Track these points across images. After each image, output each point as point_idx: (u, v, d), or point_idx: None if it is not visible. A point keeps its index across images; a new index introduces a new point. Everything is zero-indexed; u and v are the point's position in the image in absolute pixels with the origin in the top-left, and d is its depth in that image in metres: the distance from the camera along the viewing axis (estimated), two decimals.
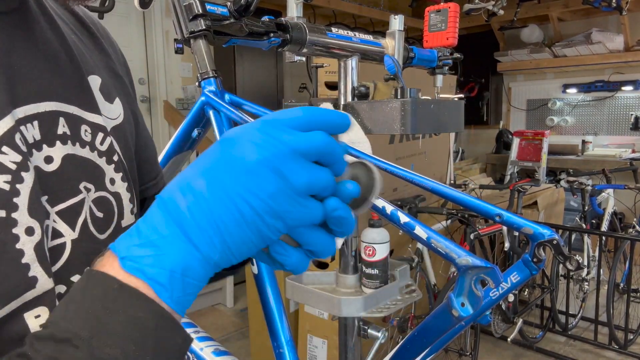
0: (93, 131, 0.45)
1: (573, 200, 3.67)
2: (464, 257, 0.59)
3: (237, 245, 0.32)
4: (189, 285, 0.32)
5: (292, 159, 0.32)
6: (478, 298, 0.60)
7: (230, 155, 0.32)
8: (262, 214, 0.32)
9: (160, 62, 3.50)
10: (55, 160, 0.41)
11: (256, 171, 0.32)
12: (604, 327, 2.66)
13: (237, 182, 0.32)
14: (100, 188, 0.44)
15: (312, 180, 0.33)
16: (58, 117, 0.42)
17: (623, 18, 3.72)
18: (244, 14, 0.93)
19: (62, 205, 0.40)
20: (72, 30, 0.49)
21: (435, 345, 0.74)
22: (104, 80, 0.49)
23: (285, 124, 0.33)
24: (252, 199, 0.32)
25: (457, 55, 1.28)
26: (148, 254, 0.31)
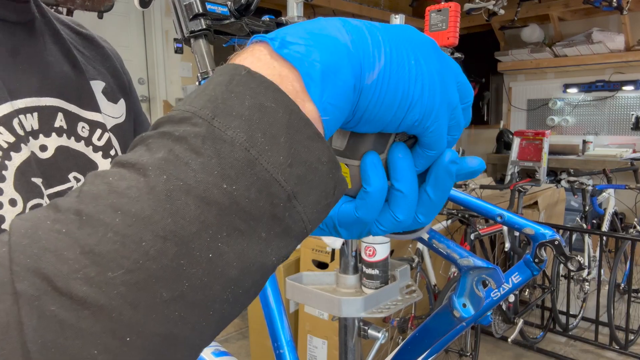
0: (91, 128, 0.49)
1: (574, 201, 3.67)
2: (466, 257, 0.59)
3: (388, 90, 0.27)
4: (340, 96, 0.26)
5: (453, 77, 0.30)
6: (479, 299, 0.60)
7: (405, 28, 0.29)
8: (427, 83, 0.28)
9: (160, 61, 3.50)
10: (49, 149, 0.45)
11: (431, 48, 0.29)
12: (604, 328, 2.66)
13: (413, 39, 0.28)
14: None
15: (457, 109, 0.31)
16: (57, 112, 0.46)
17: (624, 18, 3.71)
18: (245, 14, 0.92)
19: (52, 190, 0.44)
20: (74, 46, 0.54)
21: (436, 346, 0.74)
22: (107, 84, 0.54)
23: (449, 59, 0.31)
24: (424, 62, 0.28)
25: (458, 55, 1.28)
26: (304, 41, 0.26)
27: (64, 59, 0.50)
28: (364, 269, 1.15)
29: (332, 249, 1.53)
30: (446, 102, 0.29)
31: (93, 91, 0.51)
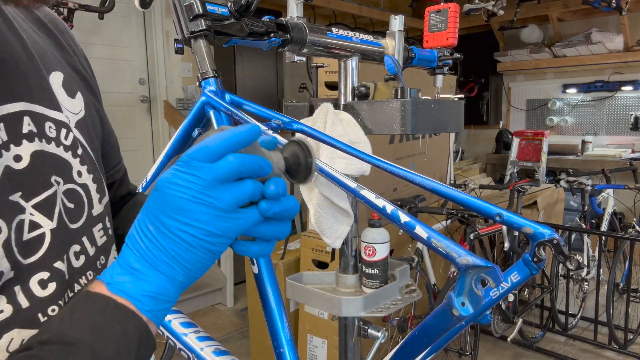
0: (57, 127, 0.48)
1: (573, 200, 3.68)
2: (465, 256, 0.59)
3: (194, 265, 0.40)
4: (162, 301, 0.40)
5: (212, 188, 0.39)
6: (478, 297, 0.60)
7: (163, 201, 0.40)
8: (204, 238, 0.39)
9: (161, 62, 3.50)
10: (24, 158, 0.44)
11: (186, 207, 0.39)
12: (603, 327, 2.66)
13: (174, 220, 0.39)
14: (69, 181, 0.47)
15: (238, 197, 0.40)
16: (22, 117, 0.44)
17: (623, 18, 3.72)
18: (245, 14, 0.93)
19: (37, 199, 0.44)
20: (32, 28, 0.51)
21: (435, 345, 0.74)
22: (65, 76, 0.52)
23: (198, 158, 0.40)
24: (191, 229, 0.39)
25: (457, 56, 1.29)
26: (128, 280, 0.40)
27: (21, 51, 0.46)
28: (363, 269, 1.15)
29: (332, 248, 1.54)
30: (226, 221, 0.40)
31: (52, 89, 0.49)
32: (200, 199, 0.39)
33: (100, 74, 3.21)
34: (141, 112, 3.54)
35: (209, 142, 0.41)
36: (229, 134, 0.41)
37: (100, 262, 0.51)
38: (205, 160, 0.40)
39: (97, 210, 0.51)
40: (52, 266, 0.44)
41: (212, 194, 0.39)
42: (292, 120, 0.90)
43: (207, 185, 0.39)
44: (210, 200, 0.39)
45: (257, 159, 0.42)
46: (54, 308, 0.44)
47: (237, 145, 0.41)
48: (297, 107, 1.27)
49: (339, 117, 1.08)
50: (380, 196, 0.70)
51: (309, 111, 1.24)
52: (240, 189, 0.40)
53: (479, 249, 2.45)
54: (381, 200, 0.69)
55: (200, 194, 0.39)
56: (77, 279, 0.47)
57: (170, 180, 0.40)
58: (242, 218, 0.41)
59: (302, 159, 0.47)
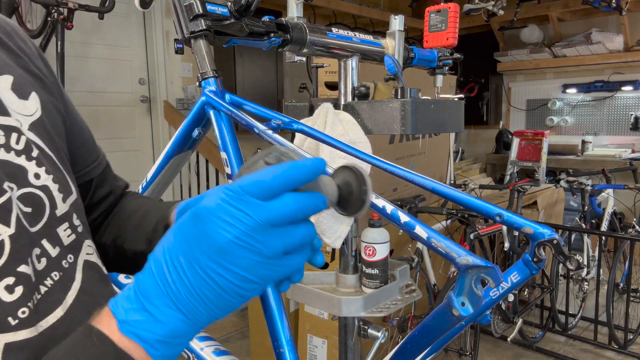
0: (6, 133, 0.46)
1: (573, 200, 3.68)
2: (464, 256, 0.59)
3: (220, 308, 0.38)
4: (176, 344, 0.38)
5: (262, 231, 0.36)
6: (478, 297, 0.60)
7: (203, 234, 0.36)
8: (240, 284, 0.36)
9: (161, 62, 3.50)
10: None
11: (227, 249, 0.35)
12: (603, 327, 2.66)
13: (212, 260, 0.36)
14: (24, 185, 0.46)
15: (287, 245, 0.37)
16: None
17: (623, 18, 3.72)
18: (245, 14, 0.93)
19: None
20: None
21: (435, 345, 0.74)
22: (16, 78, 0.50)
23: (252, 193, 0.36)
24: (228, 274, 0.36)
25: (457, 56, 1.29)
26: (143, 319, 0.37)
27: None
28: (363, 269, 1.15)
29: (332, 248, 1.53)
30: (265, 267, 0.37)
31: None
32: (247, 242, 0.35)
33: (100, 74, 3.21)
34: (141, 112, 3.54)
35: (266, 175, 0.37)
36: (291, 169, 0.37)
37: (67, 261, 0.49)
38: (259, 196, 0.36)
39: (62, 209, 0.50)
40: (17, 271, 0.43)
41: (260, 239, 0.36)
42: (292, 120, 0.90)
43: (257, 228, 0.35)
44: (258, 246, 0.36)
45: (315, 200, 0.39)
46: (24, 310, 0.43)
47: (298, 183, 0.38)
48: (297, 107, 1.27)
49: (339, 117, 1.08)
50: (380, 196, 0.70)
51: (309, 111, 1.24)
52: (293, 236, 0.37)
53: (479, 249, 2.45)
54: (381, 200, 0.69)
55: (248, 236, 0.35)
56: (42, 281, 0.46)
57: (216, 213, 0.36)
58: (286, 265, 0.38)
59: (355, 188, 0.42)
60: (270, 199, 0.36)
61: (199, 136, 1.04)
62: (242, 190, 0.36)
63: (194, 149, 1.10)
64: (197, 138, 1.04)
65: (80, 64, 3.12)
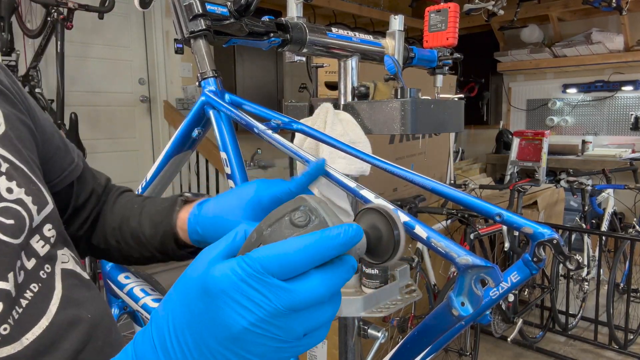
0: None
1: (573, 200, 3.67)
2: (464, 256, 0.59)
3: None
4: None
5: (283, 318, 0.31)
6: (478, 297, 0.60)
7: (215, 317, 0.31)
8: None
9: (160, 62, 3.50)
10: None
11: (243, 337, 0.31)
12: (604, 327, 2.66)
13: (223, 346, 0.31)
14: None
15: (308, 328, 0.32)
16: None
17: (623, 18, 3.72)
18: (244, 14, 0.93)
19: None
20: None
21: (435, 345, 0.74)
22: None
23: (273, 273, 0.31)
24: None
25: (457, 55, 1.28)
26: None
27: None
28: (363, 269, 1.15)
29: None
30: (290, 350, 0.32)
31: None
32: (264, 329, 0.31)
33: (100, 74, 3.21)
34: (141, 112, 3.54)
35: (290, 246, 0.31)
36: (320, 244, 0.32)
37: (45, 272, 0.49)
38: (280, 275, 0.31)
39: (36, 221, 0.49)
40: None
41: (280, 324, 0.31)
42: (292, 120, 0.90)
43: (277, 314, 0.31)
44: (276, 333, 0.31)
45: (346, 273, 0.34)
46: (5, 327, 0.42)
47: (326, 259, 0.32)
48: (297, 107, 1.27)
49: (339, 117, 1.08)
50: (380, 196, 0.70)
51: (309, 111, 1.24)
52: (316, 318, 0.33)
53: (479, 249, 2.45)
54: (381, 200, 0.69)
55: (266, 323, 0.31)
56: (22, 294, 0.45)
57: (230, 293, 0.31)
58: (305, 345, 0.33)
59: (386, 233, 0.36)
60: (294, 277, 0.31)
61: (198, 136, 1.04)
62: (262, 268, 0.31)
63: (193, 148, 1.10)
64: (197, 138, 1.04)
65: (80, 63, 3.12)
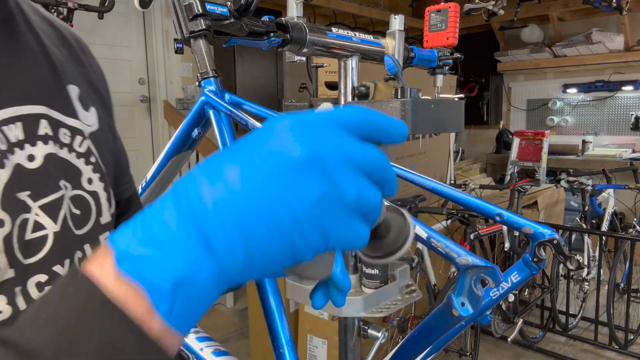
0: (72, 134, 0.47)
1: (573, 200, 3.67)
2: (464, 256, 0.59)
3: (262, 259, 0.27)
4: (193, 302, 0.27)
5: (342, 165, 0.27)
6: (478, 298, 0.60)
7: (272, 147, 0.27)
8: (303, 224, 0.26)
9: (160, 62, 3.50)
10: (37, 159, 0.43)
11: (301, 169, 0.26)
12: (604, 327, 2.66)
13: (277, 179, 0.26)
14: (77, 187, 0.47)
15: (363, 197, 0.28)
16: (39, 120, 0.44)
17: (623, 18, 3.71)
18: (244, 14, 0.93)
19: (44, 200, 0.42)
20: (54, 44, 0.52)
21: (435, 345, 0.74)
22: (81, 90, 0.52)
23: (339, 123, 0.28)
24: (294, 202, 0.26)
25: (458, 55, 1.28)
26: (150, 254, 0.26)
27: (43, 60, 0.48)
28: (363, 269, 1.15)
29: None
30: (339, 210, 0.28)
31: (70, 97, 0.50)
32: (325, 168, 0.27)
33: None
34: (141, 112, 3.54)
35: (359, 112, 0.29)
36: (382, 118, 0.30)
37: None
38: (347, 128, 0.28)
39: (106, 219, 0.50)
40: (51, 270, 0.43)
41: (340, 172, 0.27)
42: None
43: (339, 159, 0.27)
44: (336, 178, 0.27)
45: (393, 171, 0.31)
46: None
47: (386, 136, 0.31)
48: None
49: None
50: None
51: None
52: (369, 190, 0.29)
53: (479, 249, 2.45)
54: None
55: (328, 162, 0.27)
56: None
57: (292, 126, 0.27)
58: (355, 228, 0.28)
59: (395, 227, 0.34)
60: (357, 137, 0.29)
61: (198, 136, 1.04)
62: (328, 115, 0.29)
63: (193, 148, 1.10)
64: (197, 138, 1.04)
65: None
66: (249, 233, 0.26)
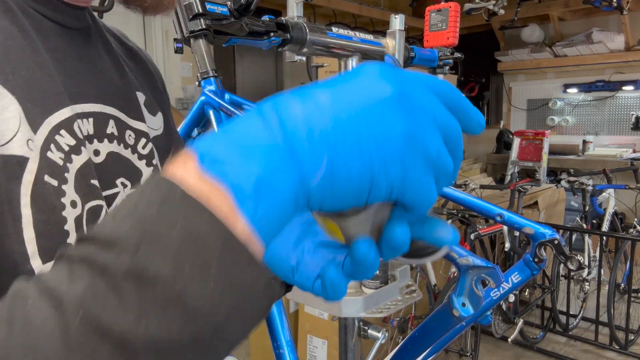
0: (136, 136, 0.51)
1: (574, 200, 3.67)
2: (465, 257, 0.59)
3: (341, 182, 0.26)
4: (275, 209, 0.25)
5: (429, 119, 0.27)
6: (479, 298, 0.60)
7: (362, 82, 0.27)
8: (386, 154, 0.26)
9: (160, 61, 3.50)
10: (101, 154, 0.46)
11: (391, 105, 0.26)
12: (604, 328, 2.66)
13: (366, 107, 0.26)
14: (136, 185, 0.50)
15: (442, 158, 0.28)
16: (109, 119, 0.48)
17: (624, 18, 3.71)
18: (244, 14, 0.93)
19: (106, 192, 0.45)
20: (121, 56, 0.57)
21: (435, 345, 0.74)
22: (147, 97, 0.56)
23: (429, 85, 0.28)
24: (381, 131, 0.26)
25: (458, 55, 1.28)
26: (233, 155, 0.25)
27: (114, 67, 0.52)
28: None
29: None
30: (420, 158, 0.27)
31: (139, 101, 0.54)
32: (412, 110, 0.27)
33: None
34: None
35: (451, 88, 0.30)
36: (467, 103, 0.31)
37: None
38: (438, 94, 0.28)
39: None
40: None
41: (428, 126, 0.27)
42: None
43: (430, 115, 0.27)
44: (422, 124, 0.27)
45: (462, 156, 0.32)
46: None
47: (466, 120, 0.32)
48: None
49: None
50: None
51: None
52: (445, 153, 0.29)
53: (479, 249, 2.45)
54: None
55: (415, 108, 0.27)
56: None
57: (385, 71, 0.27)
58: (428, 185, 0.28)
59: None
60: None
61: (198, 136, 1.03)
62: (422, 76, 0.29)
63: None
64: (197, 138, 1.04)
65: None
66: (334, 149, 0.26)
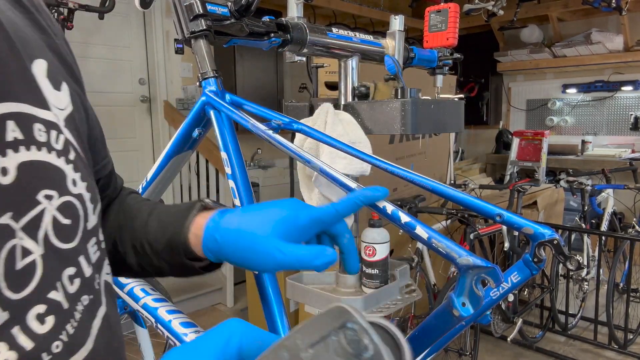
0: (47, 129, 0.39)
1: (573, 200, 3.68)
2: (465, 256, 0.59)
3: None
4: None
5: None
6: (479, 298, 0.60)
7: None
8: None
9: (161, 62, 3.50)
10: (10, 172, 0.35)
11: None
12: (603, 327, 2.66)
13: None
14: (64, 192, 0.39)
15: None
16: (5, 122, 0.35)
17: (623, 18, 3.72)
18: (245, 14, 0.93)
19: (25, 219, 0.36)
20: (8, 7, 0.41)
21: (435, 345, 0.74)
22: (49, 63, 0.42)
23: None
24: None
25: (457, 56, 1.29)
26: None
27: (0, 37, 0.36)
28: (363, 269, 1.15)
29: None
30: None
31: (37, 82, 0.40)
32: None
33: (100, 74, 3.21)
34: (141, 112, 3.54)
35: None
36: None
37: (97, 282, 0.43)
38: None
39: (92, 222, 0.43)
40: (47, 297, 0.36)
41: None
42: (292, 120, 0.90)
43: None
44: None
45: None
46: (57, 344, 0.36)
47: None
48: (297, 107, 1.27)
49: (339, 117, 1.08)
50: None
51: (309, 111, 1.24)
52: None
53: (479, 249, 2.45)
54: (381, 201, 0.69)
55: None
56: (75, 307, 0.39)
57: None
58: None
59: None
60: None
61: (199, 136, 1.04)
62: None
63: (194, 149, 1.10)
64: (197, 138, 1.04)
65: (80, 63, 3.04)
66: None
